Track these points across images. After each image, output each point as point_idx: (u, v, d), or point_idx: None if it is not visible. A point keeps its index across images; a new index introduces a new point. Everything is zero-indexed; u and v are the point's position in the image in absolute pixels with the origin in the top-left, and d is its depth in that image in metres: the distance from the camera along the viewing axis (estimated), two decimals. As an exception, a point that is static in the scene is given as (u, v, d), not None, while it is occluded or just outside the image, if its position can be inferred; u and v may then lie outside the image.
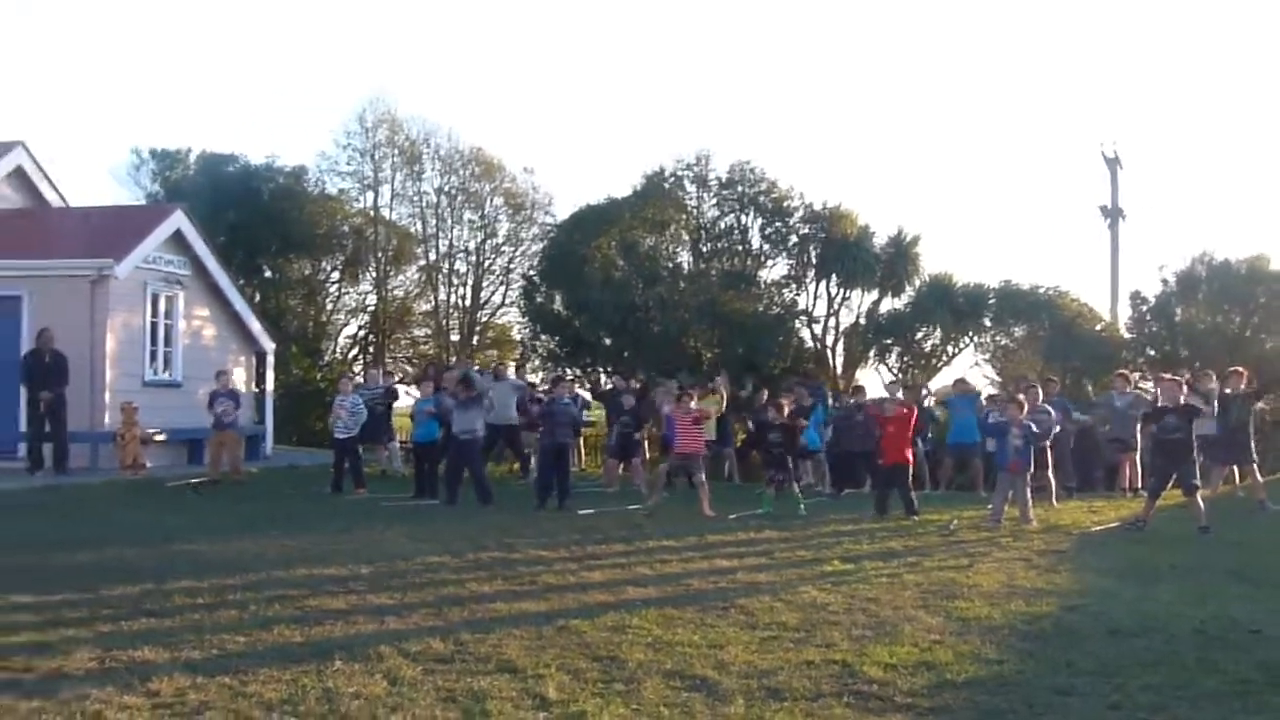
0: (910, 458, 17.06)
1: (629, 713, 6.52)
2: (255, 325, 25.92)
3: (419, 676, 7.24)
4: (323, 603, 9.59)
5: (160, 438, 22.04)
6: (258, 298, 33.05)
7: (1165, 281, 32.66)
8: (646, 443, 21.51)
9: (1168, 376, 17.49)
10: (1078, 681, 7.25)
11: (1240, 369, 17.97)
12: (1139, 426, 18.97)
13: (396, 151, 38.72)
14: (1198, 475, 15.32)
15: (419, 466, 19.12)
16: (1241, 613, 9.47)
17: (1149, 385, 21.13)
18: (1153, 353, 31.92)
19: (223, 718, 6.34)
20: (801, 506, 16.96)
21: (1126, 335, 32.93)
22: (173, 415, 22.77)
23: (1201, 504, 14.91)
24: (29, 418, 20.37)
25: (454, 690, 6.95)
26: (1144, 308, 32.93)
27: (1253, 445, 17.21)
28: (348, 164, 38.69)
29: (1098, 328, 32.56)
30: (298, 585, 10.39)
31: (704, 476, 17.26)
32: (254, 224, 34.55)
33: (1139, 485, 19.31)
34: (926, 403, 23.09)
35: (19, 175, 23.63)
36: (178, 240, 23.37)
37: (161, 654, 7.67)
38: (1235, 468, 17.83)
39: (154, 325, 23.00)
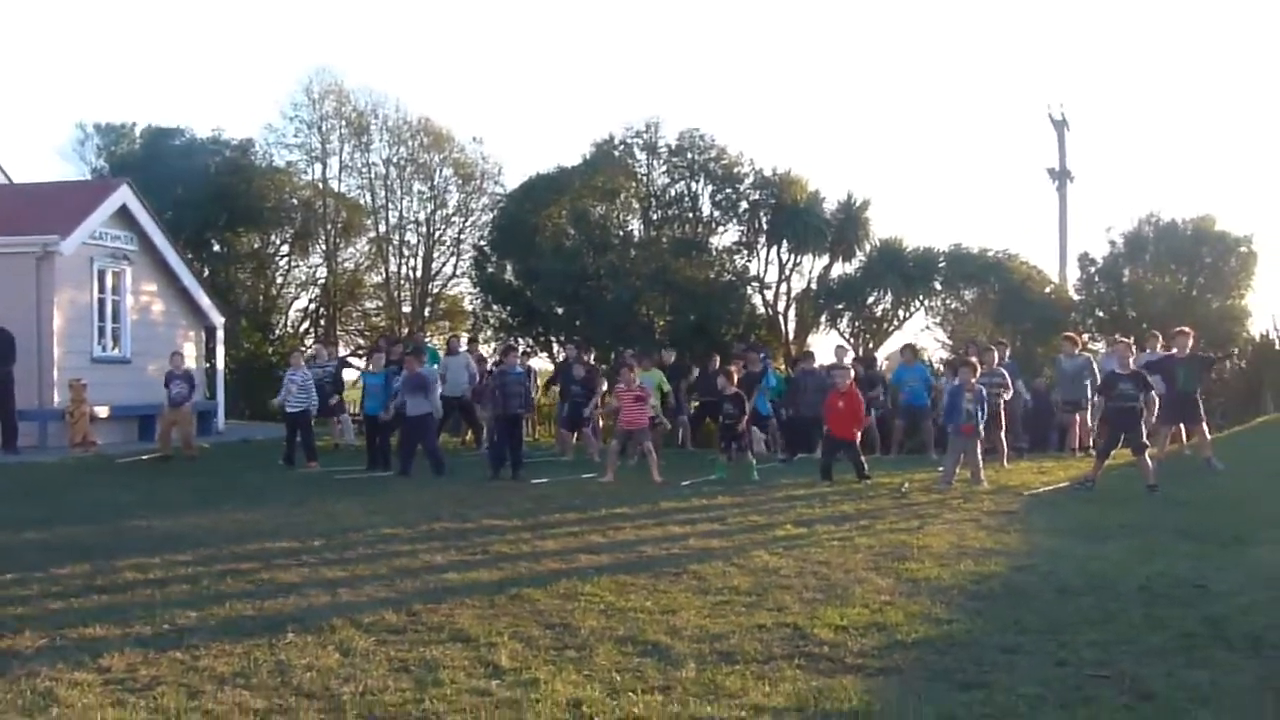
0: (856, 435, 17.11)
1: (581, 679, 6.55)
2: (204, 300, 25.73)
3: (372, 647, 7.25)
4: (275, 576, 9.57)
5: (103, 412, 21.80)
6: (206, 272, 32.81)
7: (1113, 243, 32.93)
8: (599, 412, 21.53)
9: (1119, 340, 17.64)
10: (1025, 640, 7.33)
11: (1187, 329, 18.13)
12: (1090, 389, 19.12)
13: (344, 123, 38.42)
14: (1145, 436, 15.49)
15: (370, 439, 19.11)
16: (1187, 569, 9.61)
17: (1099, 347, 21.30)
18: (1101, 314, 32.20)
19: (174, 692, 6.31)
20: (754, 473, 17.04)
21: (1075, 297, 33.18)
22: (122, 391, 22.63)
23: (1150, 463, 15.08)
24: (-25, 397, 20.14)
25: (407, 660, 6.96)
26: (1092, 269, 33.19)
27: (1200, 405, 17.38)
28: (295, 136, 38.40)
29: (1047, 290, 32.79)
30: (250, 559, 10.36)
31: (650, 445, 17.35)
32: (201, 198, 34.19)
33: (1088, 445, 19.50)
34: (879, 367, 23.24)
35: (-40, 151, 23.31)
36: (124, 215, 23.13)
37: (112, 630, 7.64)
38: (1183, 426, 17.99)
39: (101, 301, 22.80)
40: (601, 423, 21.98)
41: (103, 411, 21.77)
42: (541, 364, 32.51)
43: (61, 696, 6.24)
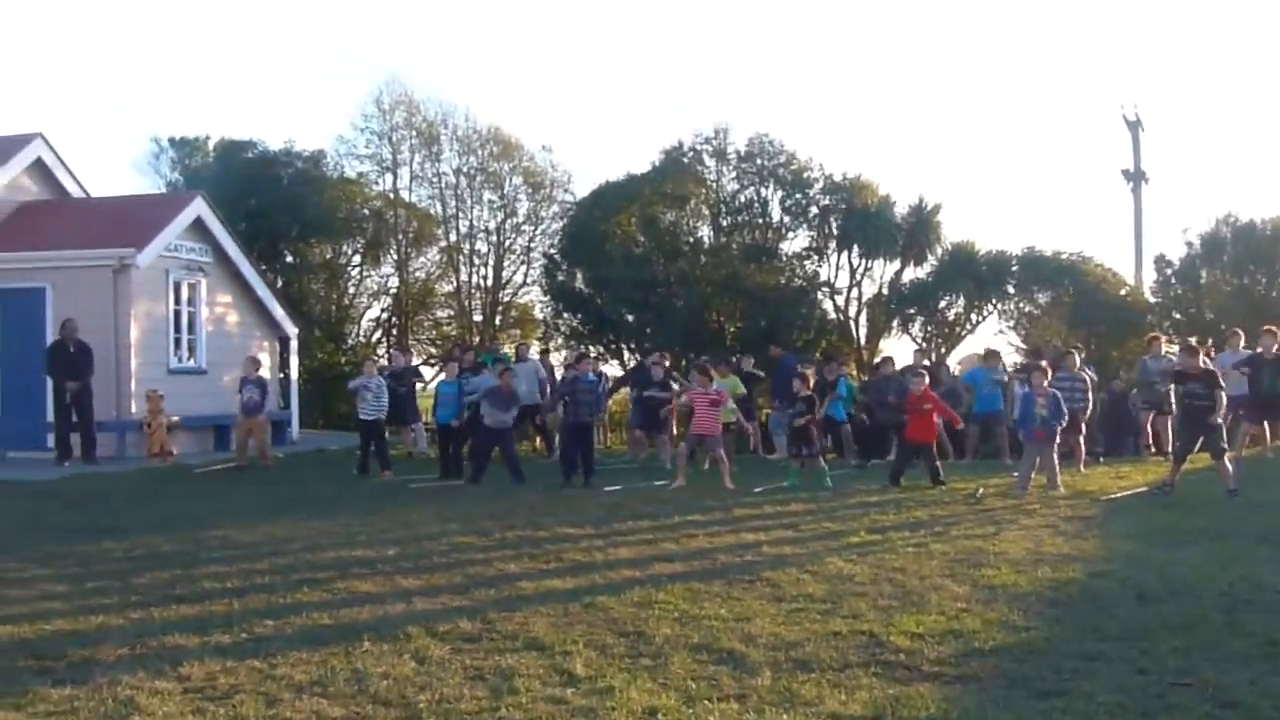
0: (934, 437, 17.02)
1: (656, 686, 6.54)
2: (278, 310, 25.98)
3: (447, 655, 7.28)
4: (350, 585, 9.64)
5: (175, 419, 22.08)
6: (280, 283, 33.06)
7: (1189, 244, 32.45)
8: (675, 417, 21.50)
9: (1189, 343, 17.42)
10: (1105, 647, 7.24)
11: (1273, 328, 17.83)
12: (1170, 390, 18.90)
13: (414, 133, 38.62)
14: (1225, 439, 15.27)
15: (444, 447, 19.20)
16: (1270, 575, 9.45)
17: (1173, 350, 21.04)
18: (1178, 316, 31.76)
19: (253, 700, 6.38)
20: (827, 479, 16.97)
21: (1151, 299, 32.74)
22: (198, 402, 22.91)
23: (1230, 467, 14.87)
24: (55, 408, 20.46)
25: (482, 668, 6.98)
26: (1168, 271, 32.75)
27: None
28: (365, 147, 38.62)
29: (1122, 292, 32.37)
30: (325, 568, 10.44)
31: (723, 452, 17.30)
32: (274, 209, 34.47)
33: (1166, 449, 19.27)
34: (954, 371, 23.07)
35: (39, 167, 23.67)
36: (198, 227, 23.43)
37: (191, 639, 7.73)
38: (1268, 426, 17.68)
39: (177, 313, 23.08)
40: (675, 428, 21.95)
41: (178, 421, 22.04)
42: (612, 370, 32.53)
43: (142, 705, 6.31)
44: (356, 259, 38.98)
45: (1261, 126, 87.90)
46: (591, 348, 32.83)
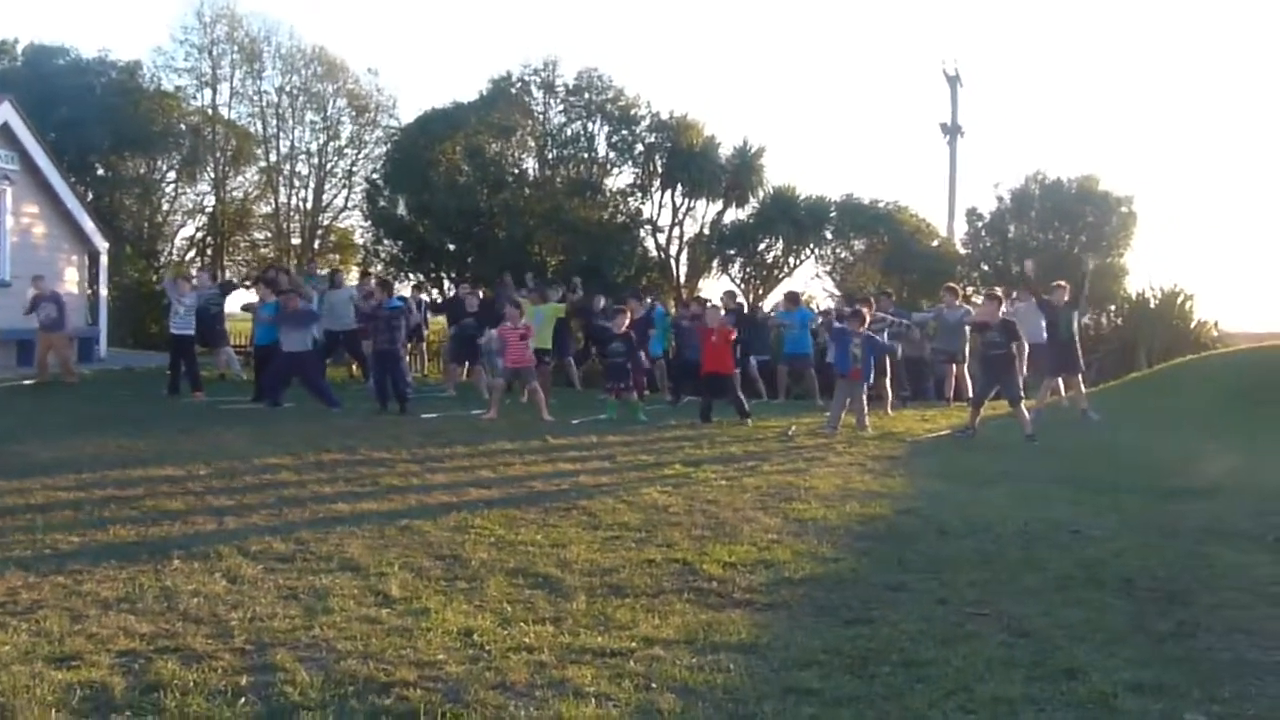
0: (732, 368, 17.17)
1: (472, 608, 6.57)
2: (88, 224, 25.10)
3: (260, 575, 7.21)
4: (160, 503, 9.45)
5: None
6: (90, 196, 31.96)
7: (1000, 199, 33.55)
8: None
9: (989, 293, 18.00)
10: (908, 578, 7.49)
11: (1063, 282, 18.45)
12: (966, 339, 19.46)
13: (236, 48, 37.65)
14: (1020, 386, 15.84)
15: (259, 369, 18.85)
16: (1063, 514, 9.88)
17: (979, 300, 21.64)
18: (986, 268, 32.79)
19: (57, 615, 6.22)
20: (641, 413, 17.13)
21: (962, 250, 33.78)
22: (0, 315, 22.04)
23: (1027, 413, 15.45)
24: None
25: (296, 588, 6.93)
26: (979, 224, 33.81)
27: (1080, 356, 17.77)
28: (184, 60, 37.53)
29: (934, 243, 33.33)
30: (134, 486, 10.22)
31: (537, 384, 17.31)
32: (86, 120, 33.26)
33: (964, 395, 19.89)
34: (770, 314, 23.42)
35: None
36: (5, 133, 22.46)
37: (-9, 553, 7.51)
38: (1062, 378, 18.37)
39: (-20, 222, 22.17)
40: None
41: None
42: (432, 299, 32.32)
43: (-60, 617, 6.13)
44: (172, 175, 37.98)
45: (1072, 88, 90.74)
46: (412, 275, 32.58)
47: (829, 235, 33.50)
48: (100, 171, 35.85)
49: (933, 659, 5.80)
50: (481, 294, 23.65)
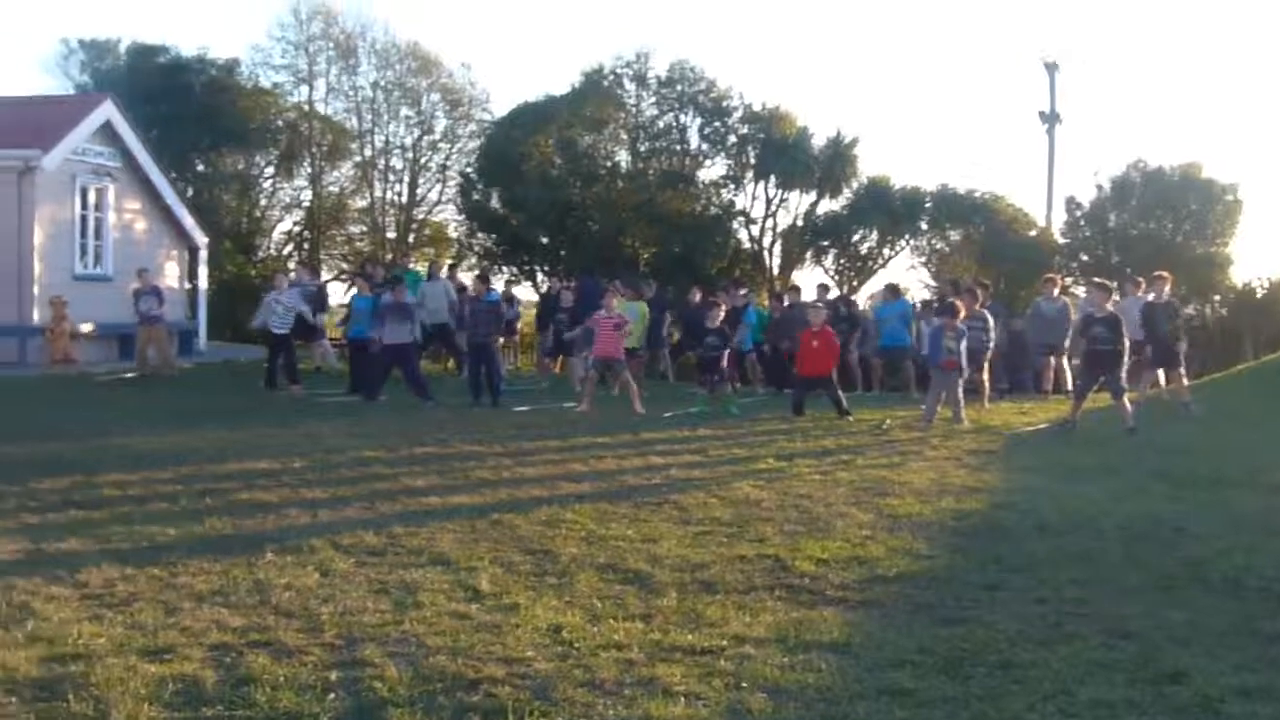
0: (830, 370, 17.01)
1: (561, 604, 6.53)
2: (188, 220, 25.51)
3: (351, 569, 7.23)
4: (255, 496, 9.53)
5: (87, 328, 21.66)
6: (190, 192, 32.50)
7: (1100, 187, 32.96)
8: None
9: (1098, 282, 17.60)
10: (1006, 577, 7.34)
11: (1164, 274, 18.05)
12: (1068, 333, 19.12)
13: (331, 45, 38.01)
14: (1124, 380, 15.53)
15: (354, 363, 19.02)
16: (1164, 510, 9.62)
17: (1080, 291, 21.22)
18: (1086, 258, 32.27)
19: (152, 608, 6.29)
20: (735, 406, 17.04)
21: (1060, 240, 33.23)
22: (103, 309, 22.48)
23: (1129, 406, 15.12)
24: (-46, 312, 20.03)
25: (386, 582, 6.94)
26: (1078, 213, 33.25)
27: (1180, 349, 17.36)
28: (281, 57, 37.96)
29: (1032, 233, 32.83)
30: (230, 478, 10.32)
31: (629, 376, 17.27)
32: (186, 117, 33.81)
33: (1065, 388, 19.54)
34: (861, 308, 23.20)
35: (-60, 62, 23.02)
36: (107, 131, 22.88)
37: (90, 545, 7.62)
38: (1163, 371, 17.99)
39: (84, 218, 22.60)
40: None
41: (84, 329, 21.62)
42: (525, 293, 32.47)
43: (38, 610, 6.21)
44: (269, 171, 38.49)
45: (1176, 74, 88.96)
46: (505, 269, 32.73)
47: (924, 226, 33.18)
48: (200, 168, 36.43)
49: (1030, 660, 5.66)
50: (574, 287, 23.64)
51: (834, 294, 23.27)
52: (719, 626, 6.17)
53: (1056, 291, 20.33)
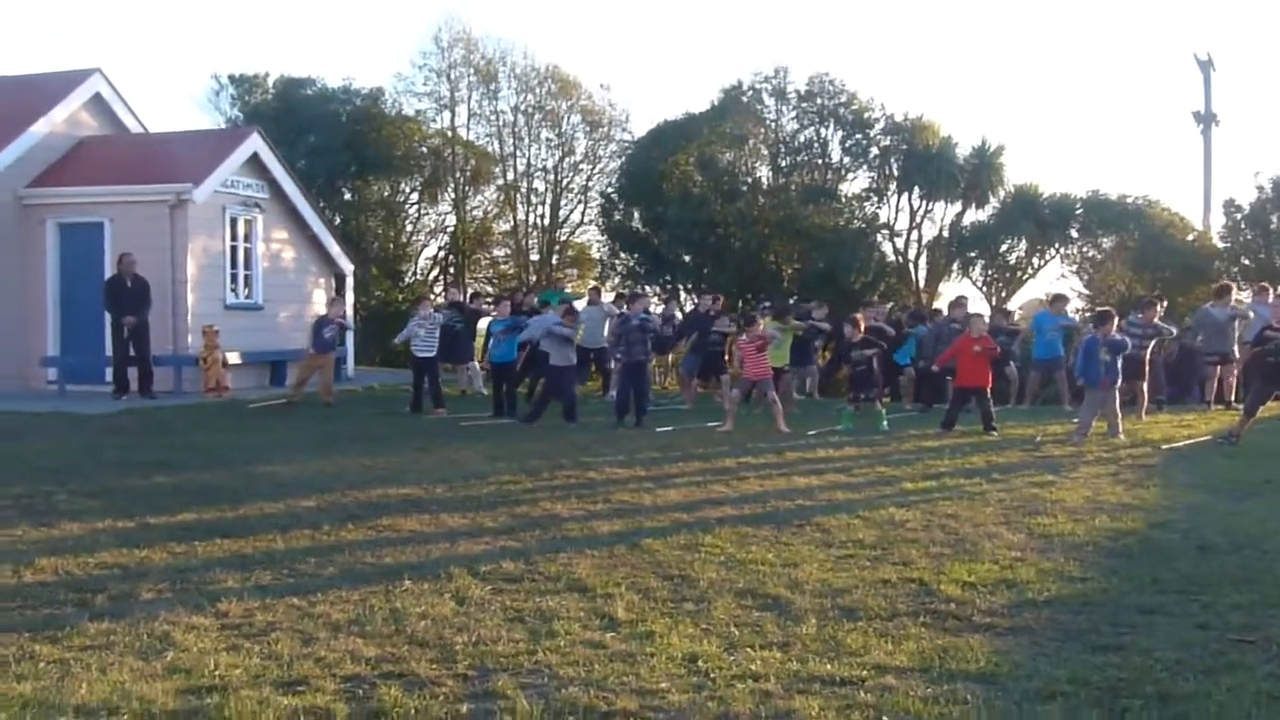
0: (989, 381, 16.72)
1: (698, 632, 6.40)
2: (334, 247, 25.93)
3: (487, 596, 7.17)
4: (395, 523, 9.56)
5: (234, 358, 22.11)
6: (337, 220, 33.11)
7: (1260, 188, 31.72)
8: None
9: (1277, 293, 16.95)
10: (1164, 600, 7.02)
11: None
12: (1237, 342, 18.48)
13: (472, 71, 38.44)
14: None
15: (497, 386, 19.14)
16: (1337, 528, 9.17)
17: (1244, 296, 20.43)
18: (1247, 262, 31.12)
19: (289, 638, 6.29)
20: (884, 423, 16.75)
21: (1220, 245, 32.09)
22: (254, 337, 22.96)
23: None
24: (113, 343, 20.52)
25: (522, 610, 6.86)
26: (1238, 216, 32.05)
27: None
28: (424, 84, 38.51)
29: (1189, 237, 31.79)
30: (372, 505, 10.38)
31: (775, 395, 17.08)
32: (332, 146, 34.53)
33: (1226, 399, 18.87)
34: (1014, 317, 22.69)
35: (97, 102, 23.70)
36: (255, 163, 23.37)
37: (232, 575, 7.68)
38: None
39: (233, 248, 23.07)
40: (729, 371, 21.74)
41: (234, 357, 22.09)
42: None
43: (178, 640, 6.25)
44: (414, 197, 39.10)
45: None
46: (648, 288, 32.71)
47: (1075, 234, 32.37)
48: (346, 196, 37.11)
49: (1192, 692, 5.37)
50: (721, 301, 23.46)
51: (985, 308, 22.78)
52: (860, 655, 5.97)
53: (1230, 299, 19.65)
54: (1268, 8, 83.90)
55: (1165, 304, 21.05)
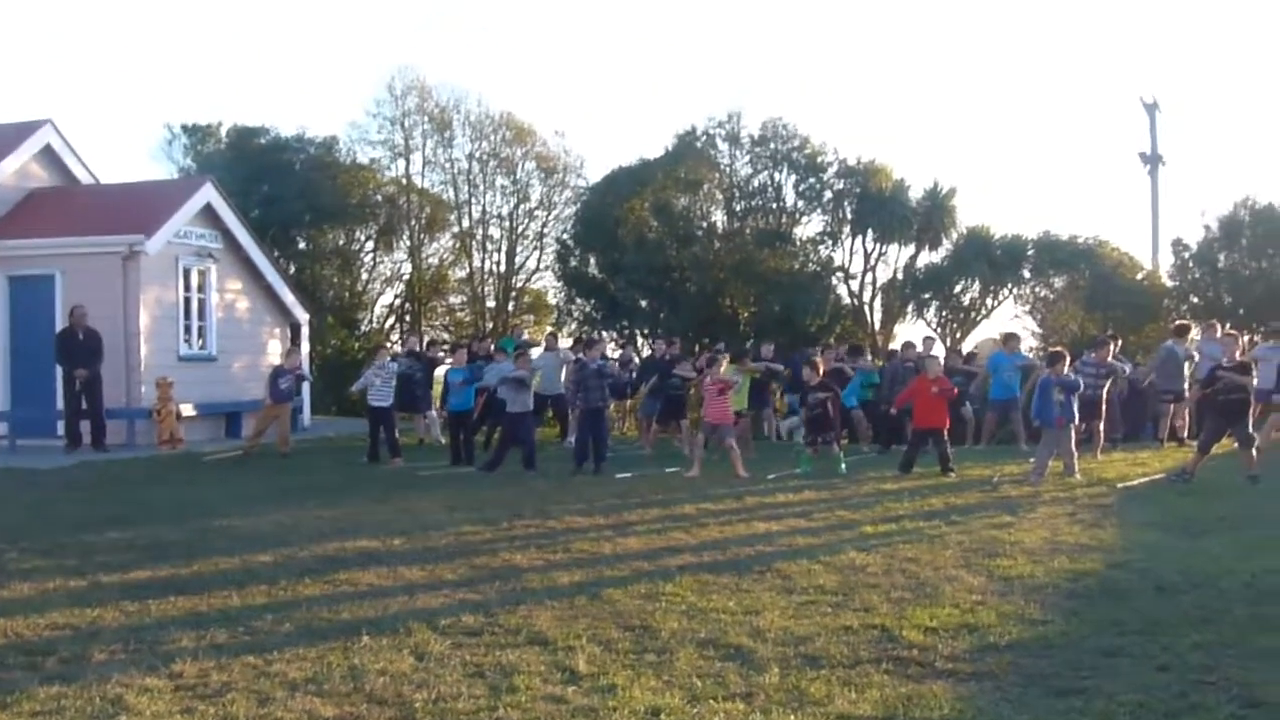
0: (946, 421, 16.82)
1: (661, 685, 6.35)
2: (289, 297, 25.80)
3: (447, 651, 7.10)
4: (353, 576, 9.46)
5: (188, 410, 21.91)
6: (292, 269, 32.98)
7: (1207, 228, 32.11)
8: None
9: (1227, 331, 17.14)
10: (1125, 642, 7.03)
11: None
12: (1189, 383, 18.67)
13: (426, 119, 38.45)
14: (1251, 427, 15.06)
15: (454, 434, 19.04)
16: (1293, 567, 9.21)
17: (1195, 335, 20.57)
18: (1196, 300, 31.44)
19: (245, 699, 6.20)
20: (842, 465, 16.76)
21: (1169, 283, 32.43)
22: (209, 389, 22.78)
23: (1254, 453, 14.63)
24: (65, 396, 20.36)
25: (482, 665, 6.79)
26: (1186, 255, 32.41)
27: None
28: (378, 133, 38.47)
29: (1139, 276, 32.11)
30: (329, 559, 10.25)
31: (733, 441, 17.06)
32: (286, 195, 34.42)
33: (1179, 436, 19.00)
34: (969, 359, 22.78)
35: (48, 154, 23.54)
36: (208, 213, 23.25)
37: (187, 634, 7.55)
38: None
39: (187, 299, 22.94)
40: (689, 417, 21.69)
41: (189, 409, 21.91)
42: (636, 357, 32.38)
43: (130, 703, 6.14)
44: (369, 245, 38.98)
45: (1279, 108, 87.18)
46: (605, 333, 32.70)
47: (1027, 274, 32.64)
48: (301, 245, 36.99)
49: (1155, 735, 5.38)
50: (678, 346, 23.41)
51: (940, 347, 22.87)
52: (823, 705, 5.95)
53: (1186, 339, 19.82)
54: (1210, 51, 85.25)
55: (1119, 343, 21.17)
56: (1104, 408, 17.98)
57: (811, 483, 15.47)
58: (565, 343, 26.09)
